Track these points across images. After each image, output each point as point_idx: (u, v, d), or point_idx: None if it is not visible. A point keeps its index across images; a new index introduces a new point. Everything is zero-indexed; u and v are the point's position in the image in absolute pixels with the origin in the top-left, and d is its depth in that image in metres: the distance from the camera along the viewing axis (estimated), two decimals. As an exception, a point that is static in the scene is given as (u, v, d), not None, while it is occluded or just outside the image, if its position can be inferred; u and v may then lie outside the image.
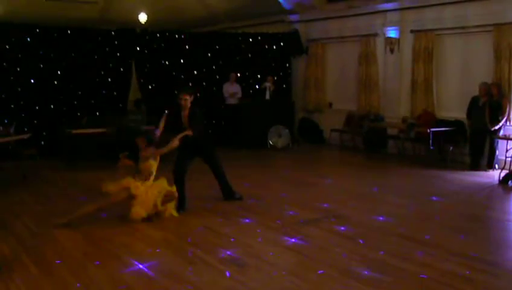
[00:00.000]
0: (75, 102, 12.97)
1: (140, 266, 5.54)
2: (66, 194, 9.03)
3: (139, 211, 7.20)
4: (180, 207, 7.80)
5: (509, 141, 10.17)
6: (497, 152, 10.94)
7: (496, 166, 10.84)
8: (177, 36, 14.43)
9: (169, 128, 8.06)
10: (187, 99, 7.87)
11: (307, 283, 5.12)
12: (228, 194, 8.44)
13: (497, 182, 9.90)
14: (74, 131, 11.33)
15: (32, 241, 6.47)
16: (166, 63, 14.05)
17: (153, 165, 7.49)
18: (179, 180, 7.88)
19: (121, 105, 13.54)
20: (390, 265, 5.57)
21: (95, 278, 5.23)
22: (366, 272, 5.35)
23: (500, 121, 10.75)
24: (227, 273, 5.35)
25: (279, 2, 15.47)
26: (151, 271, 5.42)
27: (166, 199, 7.40)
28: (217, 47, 14.80)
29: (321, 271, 5.40)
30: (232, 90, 14.30)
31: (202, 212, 7.76)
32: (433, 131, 11.50)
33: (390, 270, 5.42)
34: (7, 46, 12.25)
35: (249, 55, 15.25)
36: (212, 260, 5.74)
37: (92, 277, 5.27)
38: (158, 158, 7.55)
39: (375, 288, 4.96)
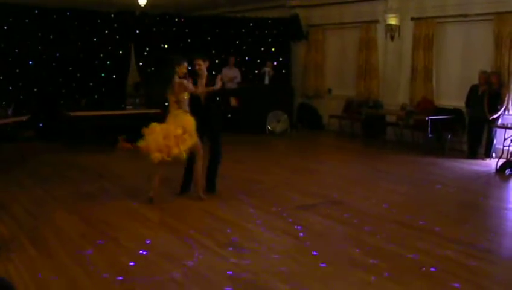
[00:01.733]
0: (74, 84, 12.93)
1: (139, 249, 5.56)
2: (64, 176, 9.04)
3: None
4: (185, 189, 7.82)
5: (507, 130, 10.20)
6: (495, 141, 10.97)
7: (494, 155, 10.87)
8: (176, 20, 14.38)
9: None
10: (201, 65, 7.64)
11: (304, 267, 5.15)
12: (211, 186, 7.95)
13: (494, 170, 9.93)
14: (73, 113, 11.32)
15: (31, 222, 6.48)
16: (166, 46, 14.00)
17: None
18: (189, 163, 7.75)
19: (119, 88, 13.50)
20: (386, 251, 5.60)
21: (93, 260, 5.25)
22: (363, 258, 5.38)
23: (498, 110, 10.76)
24: (226, 257, 5.37)
25: (279, -13, 15.41)
26: (149, 254, 5.44)
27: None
28: (217, 31, 14.75)
29: (318, 256, 5.43)
30: (231, 74, 14.27)
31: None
32: (431, 119, 11.50)
33: (387, 256, 5.46)
34: (5, 28, 12.19)
35: (249, 39, 15.20)
36: (211, 244, 5.76)
37: (90, 259, 5.28)
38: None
39: (371, 273, 4.99)
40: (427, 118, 11.54)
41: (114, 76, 13.44)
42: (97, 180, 8.75)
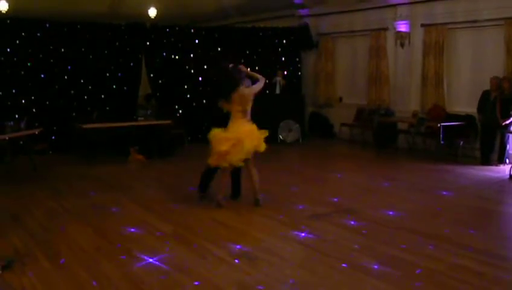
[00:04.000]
0: (86, 97, 13.02)
1: (152, 260, 5.57)
2: (76, 189, 9.08)
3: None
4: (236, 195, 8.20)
5: (520, 136, 10.15)
6: (507, 147, 10.90)
7: (507, 161, 10.80)
8: (186, 31, 14.45)
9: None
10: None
11: (317, 276, 5.14)
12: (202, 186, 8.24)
13: (507, 176, 9.85)
14: (85, 126, 11.38)
15: (44, 235, 6.51)
16: (176, 57, 14.08)
17: None
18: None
19: (131, 100, 13.57)
20: (400, 259, 5.57)
21: (106, 272, 5.26)
22: (375, 266, 5.35)
23: (511, 116, 10.69)
24: (239, 267, 5.37)
25: (289, -4, 15.44)
26: (162, 265, 5.45)
27: None
28: (227, 41, 14.79)
29: (331, 265, 5.42)
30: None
31: (211, 206, 7.78)
32: (443, 126, 11.44)
33: (400, 264, 5.43)
34: (17, 42, 12.30)
35: (259, 49, 15.23)
36: (223, 254, 5.77)
37: (104, 271, 5.30)
38: None
39: (384, 282, 4.96)
40: (439, 125, 11.49)
41: (125, 88, 13.53)
42: (110, 192, 8.79)
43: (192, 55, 14.24)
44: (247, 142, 7.49)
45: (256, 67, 15.05)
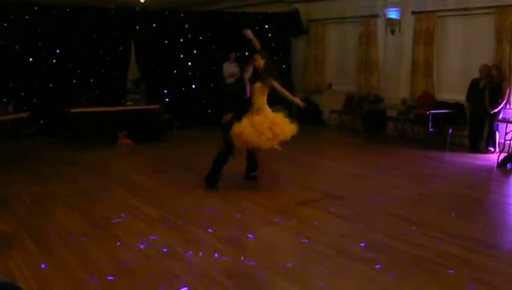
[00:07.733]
0: (74, 81, 12.91)
1: (139, 245, 5.56)
2: (64, 173, 9.04)
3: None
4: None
5: (508, 124, 10.18)
6: (496, 135, 10.95)
7: (496, 149, 10.84)
8: (176, 15, 14.34)
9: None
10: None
11: (304, 262, 5.15)
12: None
13: (495, 164, 9.91)
14: (73, 110, 11.31)
15: (32, 220, 6.48)
16: (166, 42, 13.98)
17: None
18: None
19: (119, 84, 13.49)
20: (387, 245, 5.59)
21: (93, 257, 5.25)
22: (362, 252, 5.37)
23: (499, 104, 10.72)
24: (226, 252, 5.37)
25: (279, -18, 15.37)
26: (149, 250, 5.44)
27: None
28: (217, 27, 14.71)
29: (319, 252, 5.43)
30: (232, 70, 14.23)
31: (200, 191, 7.78)
32: (432, 113, 11.48)
33: (387, 250, 5.45)
34: (5, 24, 12.15)
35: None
36: (210, 239, 5.77)
37: (91, 255, 5.28)
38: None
39: (371, 268, 4.98)
40: (428, 112, 11.52)
41: (114, 72, 13.43)
42: (97, 177, 8.75)
43: (181, 40, 14.16)
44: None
45: (246, 53, 15.03)
